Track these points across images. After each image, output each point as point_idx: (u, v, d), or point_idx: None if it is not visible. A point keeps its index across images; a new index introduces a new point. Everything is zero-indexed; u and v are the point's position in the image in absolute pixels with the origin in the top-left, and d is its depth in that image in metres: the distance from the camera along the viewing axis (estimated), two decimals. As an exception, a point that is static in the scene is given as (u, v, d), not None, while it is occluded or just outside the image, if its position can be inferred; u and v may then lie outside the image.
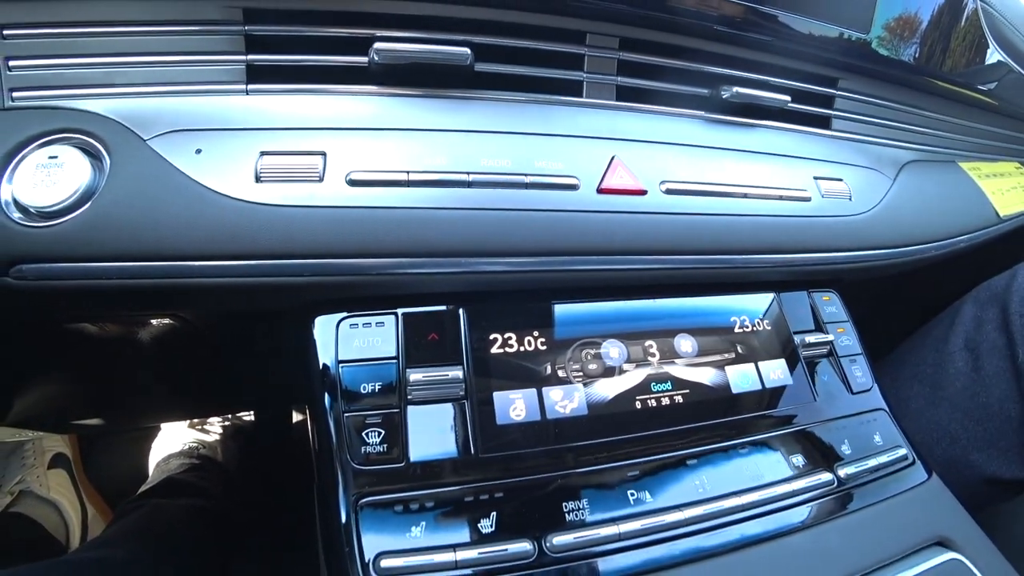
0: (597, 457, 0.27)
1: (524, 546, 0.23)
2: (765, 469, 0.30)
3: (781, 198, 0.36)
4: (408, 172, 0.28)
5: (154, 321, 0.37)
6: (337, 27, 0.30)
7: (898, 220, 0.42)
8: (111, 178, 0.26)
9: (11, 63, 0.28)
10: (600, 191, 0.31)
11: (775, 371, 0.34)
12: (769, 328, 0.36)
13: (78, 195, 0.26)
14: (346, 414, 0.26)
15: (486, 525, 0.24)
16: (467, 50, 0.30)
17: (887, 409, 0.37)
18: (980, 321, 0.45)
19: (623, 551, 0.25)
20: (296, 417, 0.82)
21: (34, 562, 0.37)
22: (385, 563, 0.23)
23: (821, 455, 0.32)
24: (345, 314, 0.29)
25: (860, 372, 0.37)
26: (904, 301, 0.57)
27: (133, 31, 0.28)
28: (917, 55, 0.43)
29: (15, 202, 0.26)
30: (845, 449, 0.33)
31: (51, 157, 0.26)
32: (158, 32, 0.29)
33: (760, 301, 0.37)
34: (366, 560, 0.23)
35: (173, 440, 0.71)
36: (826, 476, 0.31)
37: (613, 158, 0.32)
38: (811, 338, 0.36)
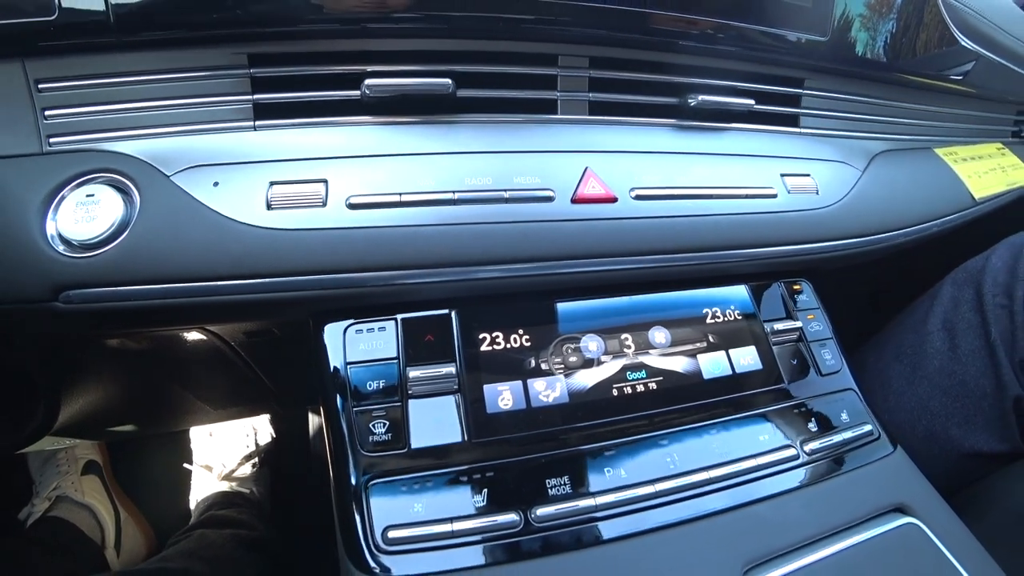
0: (577, 439, 0.32)
1: (512, 517, 0.28)
2: (733, 447, 0.34)
3: (747, 196, 0.40)
4: (400, 194, 0.33)
5: (185, 335, 0.42)
6: (332, 65, 0.34)
7: (867, 210, 0.45)
8: (141, 212, 0.31)
9: (46, 112, 0.32)
10: (574, 201, 0.35)
11: (745, 357, 0.38)
12: (740, 318, 0.40)
13: (114, 228, 0.30)
14: (355, 408, 0.31)
15: (479, 500, 0.28)
16: (448, 80, 0.34)
17: (856, 389, 0.41)
18: (957, 301, 0.48)
19: (599, 520, 0.29)
20: (312, 422, 0.88)
21: (74, 561, 0.43)
22: (392, 534, 0.27)
23: (787, 432, 0.36)
24: (351, 321, 0.34)
25: (829, 355, 0.41)
26: (897, 287, 0.60)
27: (154, 79, 0.33)
28: (879, 53, 0.46)
29: (60, 236, 0.30)
30: (811, 426, 0.37)
31: (88, 195, 0.31)
32: (176, 79, 0.33)
33: (732, 293, 0.41)
34: (376, 533, 0.27)
35: (209, 486, 0.76)
36: (791, 451, 0.34)
37: (586, 169, 0.36)
38: (780, 325, 0.40)
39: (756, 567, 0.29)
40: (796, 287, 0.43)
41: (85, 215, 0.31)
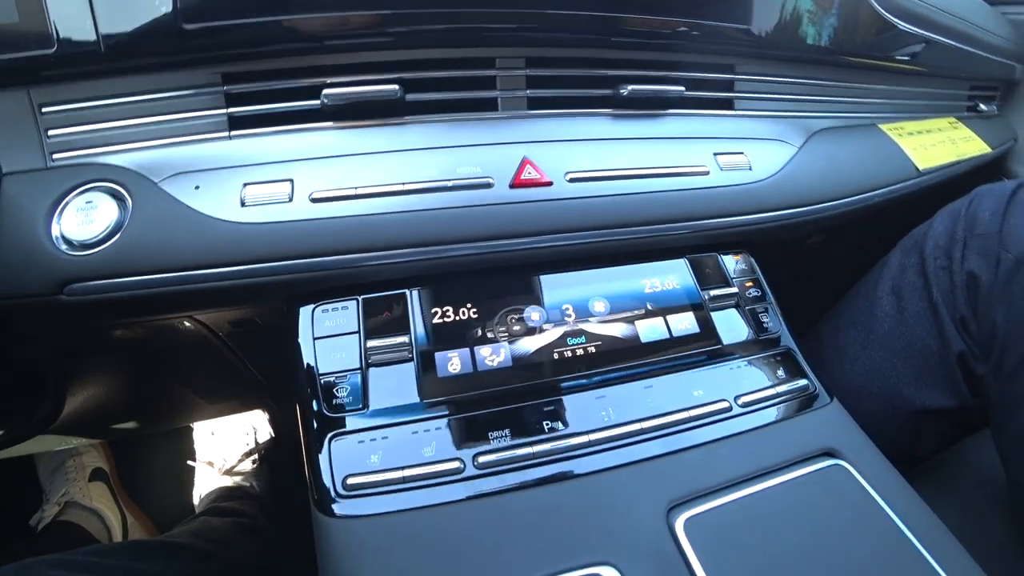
0: (519, 397, 0.36)
1: (456, 464, 0.32)
2: (667, 401, 0.38)
3: (679, 174, 0.44)
4: (356, 188, 0.38)
5: (177, 326, 0.48)
6: (295, 79, 0.40)
7: (801, 183, 0.49)
8: (133, 214, 0.37)
9: (49, 132, 0.38)
10: (512, 186, 0.40)
11: (682, 322, 0.42)
12: (678, 286, 0.44)
13: (110, 229, 0.36)
14: (321, 375, 0.36)
15: (428, 451, 0.33)
16: (395, 87, 0.39)
17: (794, 348, 0.44)
18: (903, 267, 0.52)
19: (536, 466, 0.33)
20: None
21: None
22: (351, 481, 0.32)
23: (722, 388, 0.39)
24: (320, 303, 0.39)
25: (768, 319, 0.45)
26: (856, 259, 0.64)
27: (141, 99, 0.39)
28: (807, 40, 0.51)
29: (63, 238, 0.36)
30: (746, 382, 0.40)
31: (87, 202, 0.37)
32: (160, 98, 0.39)
33: (672, 265, 0.45)
34: (336, 481, 0.32)
35: (212, 482, 0.82)
36: (724, 404, 0.38)
37: (524, 158, 0.41)
38: (716, 292, 0.44)
39: (680, 504, 0.33)
40: (736, 257, 0.47)
41: (85, 219, 0.36)
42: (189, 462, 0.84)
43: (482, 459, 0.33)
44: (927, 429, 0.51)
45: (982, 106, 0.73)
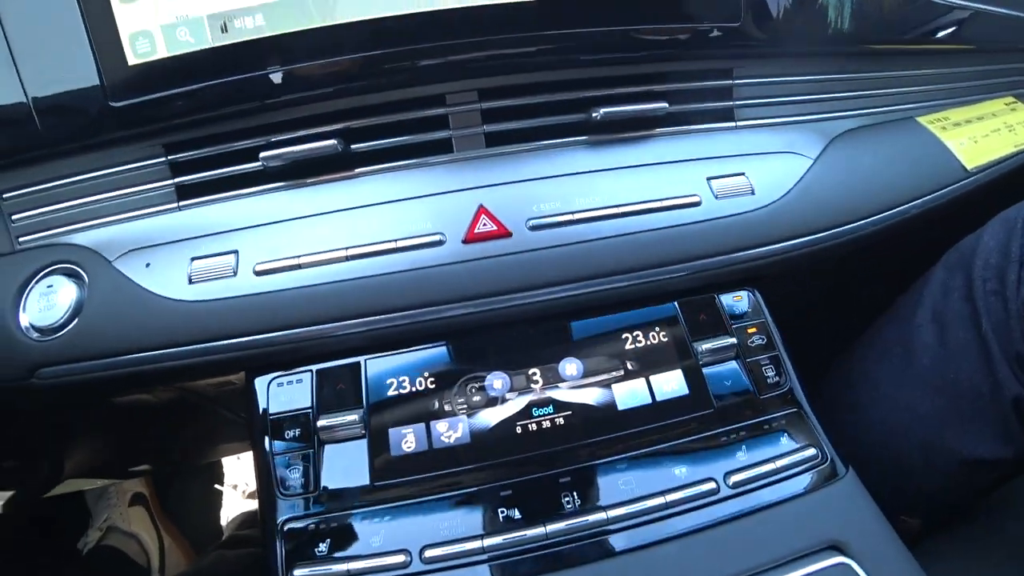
0: (475, 479, 0.34)
1: (401, 558, 0.31)
2: (642, 483, 0.34)
3: (662, 209, 0.40)
4: (299, 256, 0.37)
5: (161, 395, 0.50)
6: (233, 142, 0.39)
7: (817, 203, 0.43)
8: (90, 296, 0.37)
9: (13, 216, 0.40)
10: (465, 241, 0.37)
11: (668, 383, 0.38)
12: (665, 339, 0.40)
13: (70, 312, 0.37)
14: (275, 455, 0.36)
15: (375, 541, 0.32)
16: (333, 141, 0.37)
17: (806, 407, 0.39)
18: (947, 288, 0.44)
19: (486, 563, 0.31)
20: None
21: None
22: (297, 572, 0.31)
23: (709, 464, 0.35)
24: (275, 374, 0.39)
25: (774, 373, 0.40)
26: (891, 274, 0.56)
27: (91, 176, 0.39)
28: (820, 26, 0.43)
29: (31, 325, 0.38)
30: (741, 455, 0.36)
31: (48, 286, 0.38)
32: (108, 174, 0.39)
33: (655, 314, 0.41)
34: (283, 573, 0.32)
35: (238, 506, 0.87)
36: (710, 485, 0.34)
37: (479, 206, 0.38)
38: (711, 344, 0.39)
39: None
40: (736, 298, 0.42)
41: (46, 304, 0.38)
42: (216, 486, 0.90)
43: (429, 553, 0.31)
44: (978, 480, 0.44)
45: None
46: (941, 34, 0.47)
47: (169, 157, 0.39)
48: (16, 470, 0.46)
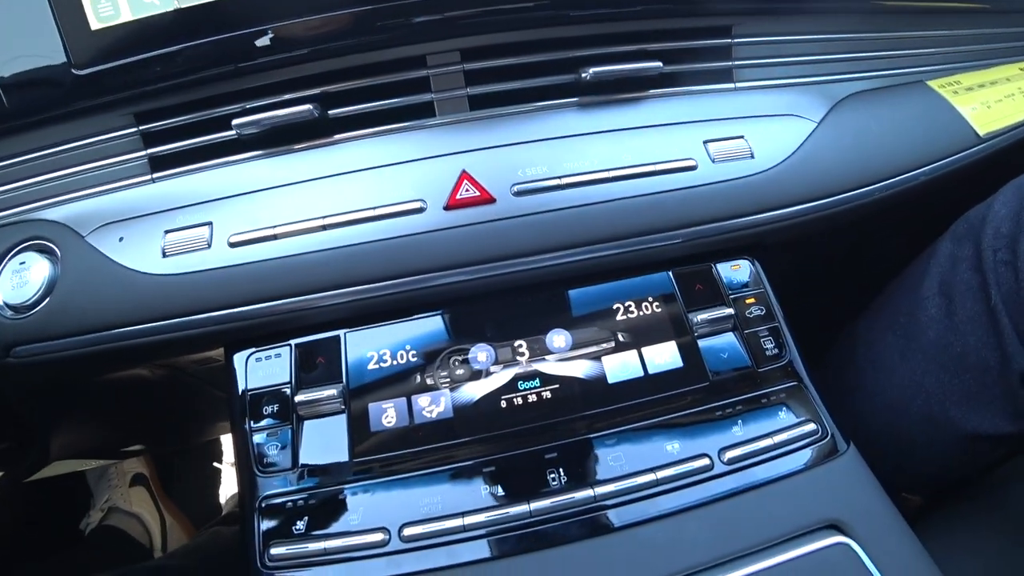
0: (457, 455, 0.33)
1: (380, 536, 0.30)
2: (632, 459, 0.32)
3: (657, 173, 0.38)
4: (275, 227, 0.35)
5: (145, 373, 0.49)
6: (208, 109, 0.37)
7: (821, 167, 0.40)
8: (63, 273, 0.36)
9: (-9, 192, 0.39)
10: (447, 207, 0.35)
11: (661, 356, 0.37)
12: (659, 310, 0.38)
13: (43, 289, 0.36)
14: (253, 432, 0.35)
15: (353, 519, 0.31)
16: (309, 107, 0.36)
17: (806, 380, 0.37)
18: (955, 259, 0.42)
19: (466, 541, 0.30)
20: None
21: (126, 564, 0.53)
22: (275, 551, 0.31)
23: (703, 439, 0.34)
24: (253, 350, 0.38)
25: (773, 344, 0.38)
26: (897, 245, 0.54)
27: (62, 149, 0.38)
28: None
29: (5, 303, 0.37)
30: (736, 430, 0.34)
31: (20, 263, 0.37)
32: (79, 146, 0.38)
33: (651, 282, 0.39)
34: (261, 550, 0.31)
35: (235, 483, 0.87)
36: (703, 462, 0.33)
37: (462, 171, 0.36)
38: (706, 314, 0.38)
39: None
40: (734, 267, 0.40)
41: (19, 281, 0.37)
42: (216, 464, 0.90)
43: (408, 531, 0.30)
44: (979, 456, 0.43)
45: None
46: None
47: (140, 127, 0.38)
48: (4, 450, 0.46)
